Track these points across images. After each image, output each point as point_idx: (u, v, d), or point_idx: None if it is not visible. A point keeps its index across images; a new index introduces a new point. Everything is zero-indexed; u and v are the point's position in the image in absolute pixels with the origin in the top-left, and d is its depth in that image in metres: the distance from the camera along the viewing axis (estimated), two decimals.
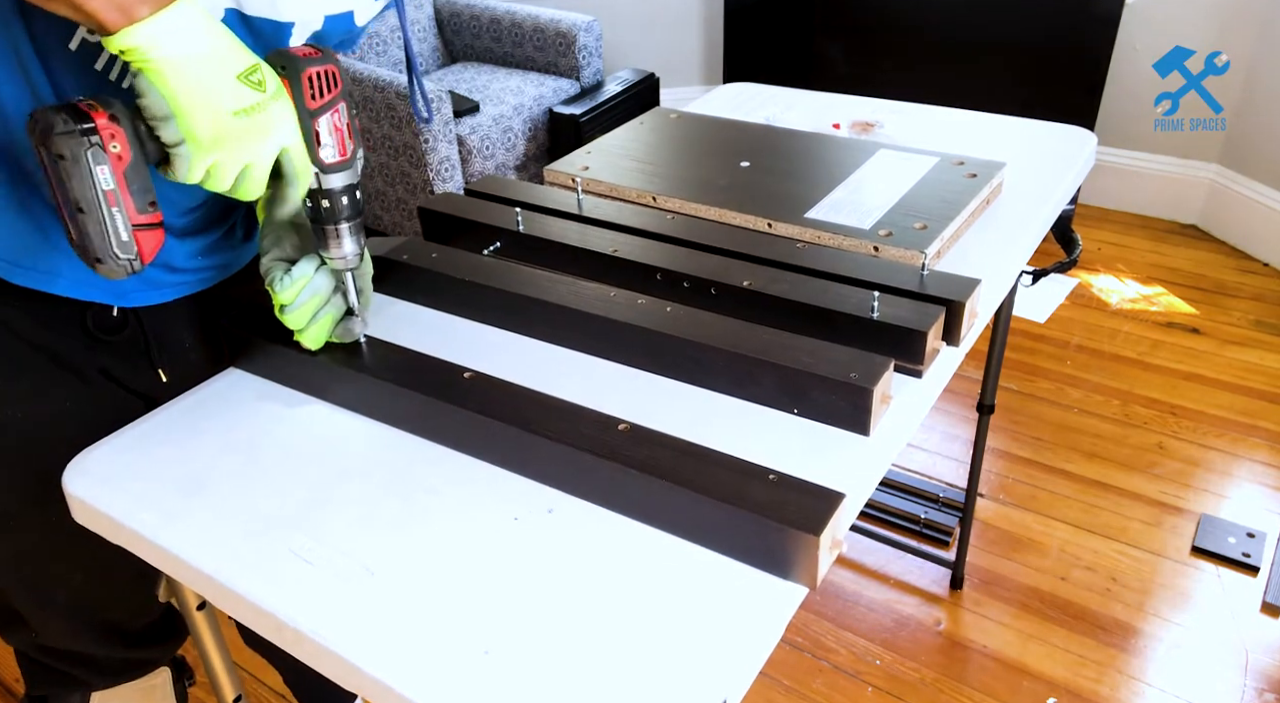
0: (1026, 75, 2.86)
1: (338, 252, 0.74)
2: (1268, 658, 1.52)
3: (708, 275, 0.86)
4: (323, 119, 0.68)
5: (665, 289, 0.89)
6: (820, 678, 1.54)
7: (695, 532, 0.64)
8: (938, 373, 0.81)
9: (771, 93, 1.46)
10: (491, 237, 0.98)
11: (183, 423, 0.80)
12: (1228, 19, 2.64)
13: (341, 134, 0.69)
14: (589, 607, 0.60)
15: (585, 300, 0.84)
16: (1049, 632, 1.59)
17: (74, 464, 0.75)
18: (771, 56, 3.31)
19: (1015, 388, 2.21)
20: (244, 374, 0.85)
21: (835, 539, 0.62)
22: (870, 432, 0.73)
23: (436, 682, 0.56)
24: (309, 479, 0.72)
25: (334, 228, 0.72)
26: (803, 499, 0.62)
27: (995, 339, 1.40)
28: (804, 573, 0.61)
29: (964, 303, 0.82)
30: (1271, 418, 2.08)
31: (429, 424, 0.75)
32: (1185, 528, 1.79)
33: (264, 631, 0.63)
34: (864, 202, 1.01)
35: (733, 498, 0.62)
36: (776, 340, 0.76)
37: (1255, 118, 2.68)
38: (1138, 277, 2.66)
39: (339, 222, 0.72)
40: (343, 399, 0.80)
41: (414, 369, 0.78)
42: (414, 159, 2.62)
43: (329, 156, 0.69)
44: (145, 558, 0.70)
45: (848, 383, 0.72)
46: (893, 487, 1.89)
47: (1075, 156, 1.20)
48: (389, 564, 0.64)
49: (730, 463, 0.66)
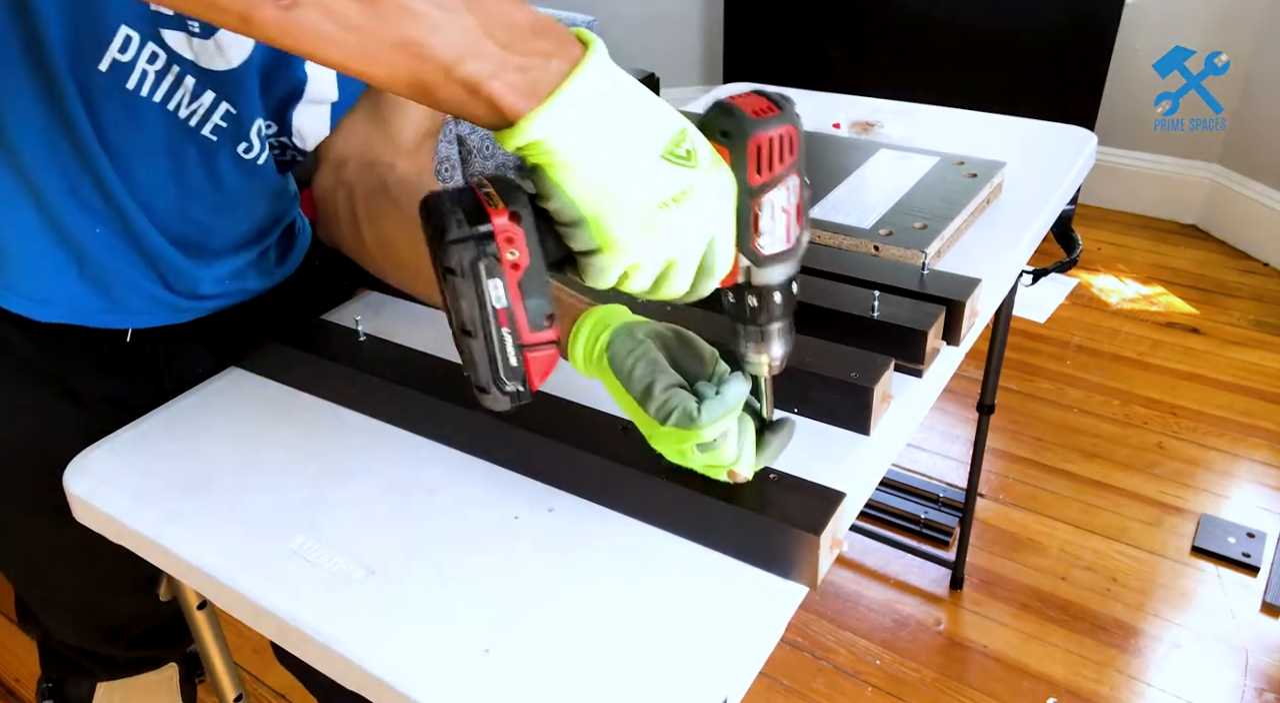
0: (1026, 75, 2.86)
1: (762, 356, 0.58)
2: (1268, 658, 1.52)
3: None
4: (767, 198, 0.51)
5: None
6: (820, 678, 1.54)
7: (695, 531, 0.64)
8: (938, 373, 0.81)
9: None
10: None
11: (183, 422, 0.80)
12: (1228, 19, 2.64)
13: (789, 217, 0.53)
14: (589, 606, 0.60)
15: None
16: (1049, 632, 1.59)
17: (75, 464, 0.75)
18: (771, 56, 3.31)
19: (1015, 388, 2.21)
20: (244, 373, 0.85)
21: (836, 538, 0.62)
22: (871, 431, 0.73)
23: (437, 681, 0.56)
24: (310, 478, 0.72)
25: (761, 329, 0.57)
26: (803, 498, 0.62)
27: (995, 339, 1.40)
28: (804, 573, 0.61)
29: (964, 303, 0.82)
30: (1271, 418, 2.08)
31: (428, 422, 0.75)
32: (1185, 528, 1.79)
33: (265, 630, 0.63)
34: (864, 201, 1.01)
35: (733, 497, 0.62)
36: None
37: (1255, 118, 2.68)
38: (1138, 277, 2.66)
39: (770, 322, 0.57)
40: (343, 398, 0.80)
41: (413, 366, 0.78)
42: None
43: (769, 247, 0.53)
44: (146, 557, 0.70)
45: (848, 382, 0.72)
46: (893, 487, 1.89)
47: (1075, 156, 1.20)
48: (389, 563, 0.64)
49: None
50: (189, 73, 0.71)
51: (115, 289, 0.78)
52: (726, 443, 0.59)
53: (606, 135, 0.46)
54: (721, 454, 0.59)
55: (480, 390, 0.52)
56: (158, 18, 0.68)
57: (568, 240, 0.50)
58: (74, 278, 0.76)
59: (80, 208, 0.73)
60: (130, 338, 0.83)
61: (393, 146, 0.81)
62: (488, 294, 0.49)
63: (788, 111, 0.51)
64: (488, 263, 0.48)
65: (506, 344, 0.50)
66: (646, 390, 0.59)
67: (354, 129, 0.82)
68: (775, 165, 0.51)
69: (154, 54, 0.69)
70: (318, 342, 0.82)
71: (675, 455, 0.61)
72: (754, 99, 0.51)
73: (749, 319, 0.57)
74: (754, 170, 0.50)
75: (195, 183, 0.76)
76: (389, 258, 0.77)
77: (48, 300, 0.76)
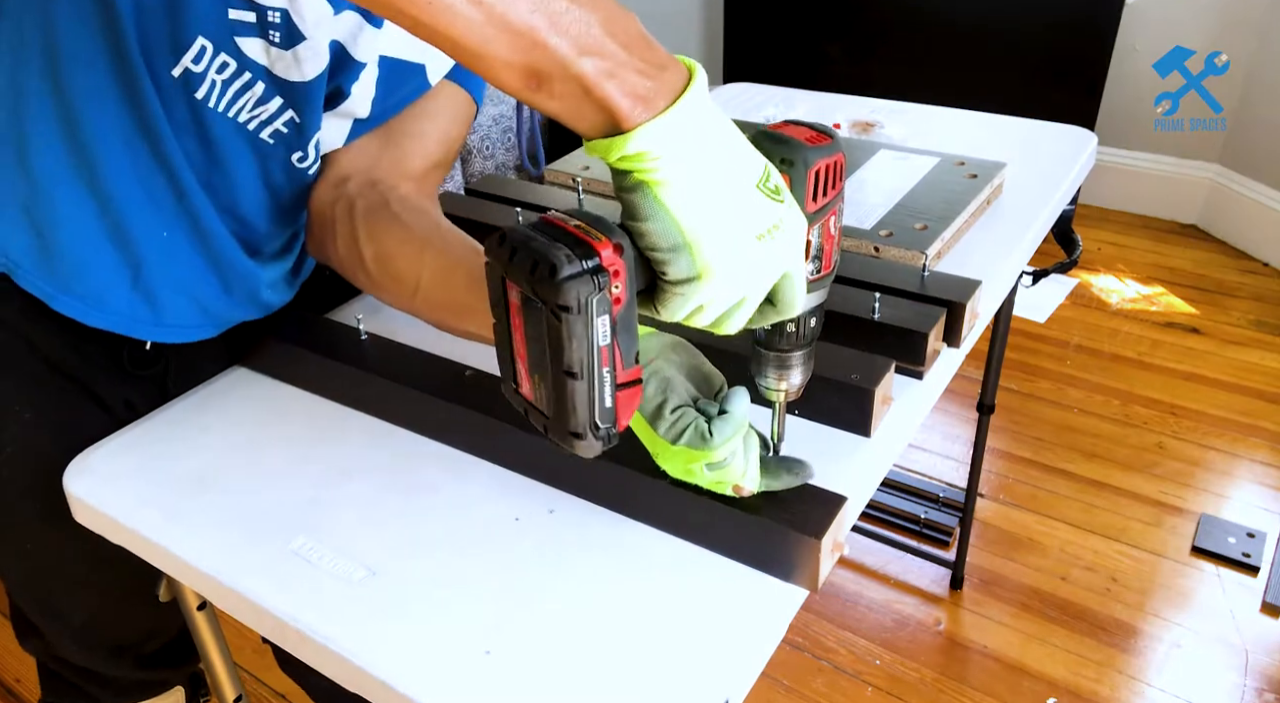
0: (1026, 75, 2.86)
1: (781, 384, 0.58)
2: (1268, 658, 1.52)
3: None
4: (817, 227, 0.52)
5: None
6: (820, 678, 1.54)
7: (696, 533, 0.64)
8: (938, 374, 0.81)
9: (771, 93, 1.46)
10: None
11: (184, 422, 0.80)
12: (1228, 19, 2.64)
13: (832, 244, 0.54)
14: (590, 607, 0.60)
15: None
16: (1049, 632, 1.59)
17: (75, 464, 0.75)
18: (771, 56, 3.31)
19: (1015, 388, 2.21)
20: (246, 372, 0.85)
21: (836, 542, 0.62)
22: (872, 433, 0.73)
23: (437, 682, 0.56)
24: (310, 478, 0.72)
25: (785, 356, 0.57)
26: (805, 503, 0.62)
27: (995, 339, 1.40)
28: (805, 576, 0.61)
29: (965, 304, 0.82)
30: (1271, 418, 2.08)
31: (429, 422, 0.75)
32: (1185, 528, 1.79)
33: (265, 630, 0.63)
34: (864, 201, 1.00)
35: (735, 501, 0.62)
36: None
37: (1255, 118, 2.68)
38: (1138, 277, 2.66)
39: (794, 349, 0.57)
40: (344, 397, 0.80)
41: (414, 366, 0.78)
42: None
43: (814, 272, 0.53)
44: (146, 558, 0.70)
45: (849, 384, 0.72)
46: (893, 487, 1.89)
47: (1075, 157, 1.20)
48: (390, 564, 0.64)
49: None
50: (260, 79, 0.72)
51: (164, 299, 0.78)
52: (735, 461, 0.59)
53: (714, 158, 0.45)
54: (730, 472, 0.59)
55: (574, 436, 0.48)
56: (235, 26, 0.69)
57: (662, 267, 0.47)
58: (126, 286, 0.76)
59: (153, 210, 0.73)
60: (150, 347, 0.84)
61: (399, 170, 0.82)
62: (595, 332, 0.45)
63: (837, 140, 0.51)
64: (601, 299, 0.44)
65: (605, 385, 0.47)
66: (658, 410, 0.59)
67: (365, 148, 0.82)
68: (829, 192, 0.51)
69: (224, 63, 0.70)
70: (319, 340, 0.82)
71: (682, 473, 0.61)
72: (799, 129, 0.51)
73: (774, 345, 0.57)
74: (810, 197, 0.50)
75: (249, 187, 0.77)
76: (386, 273, 0.76)
77: (100, 305, 0.76)
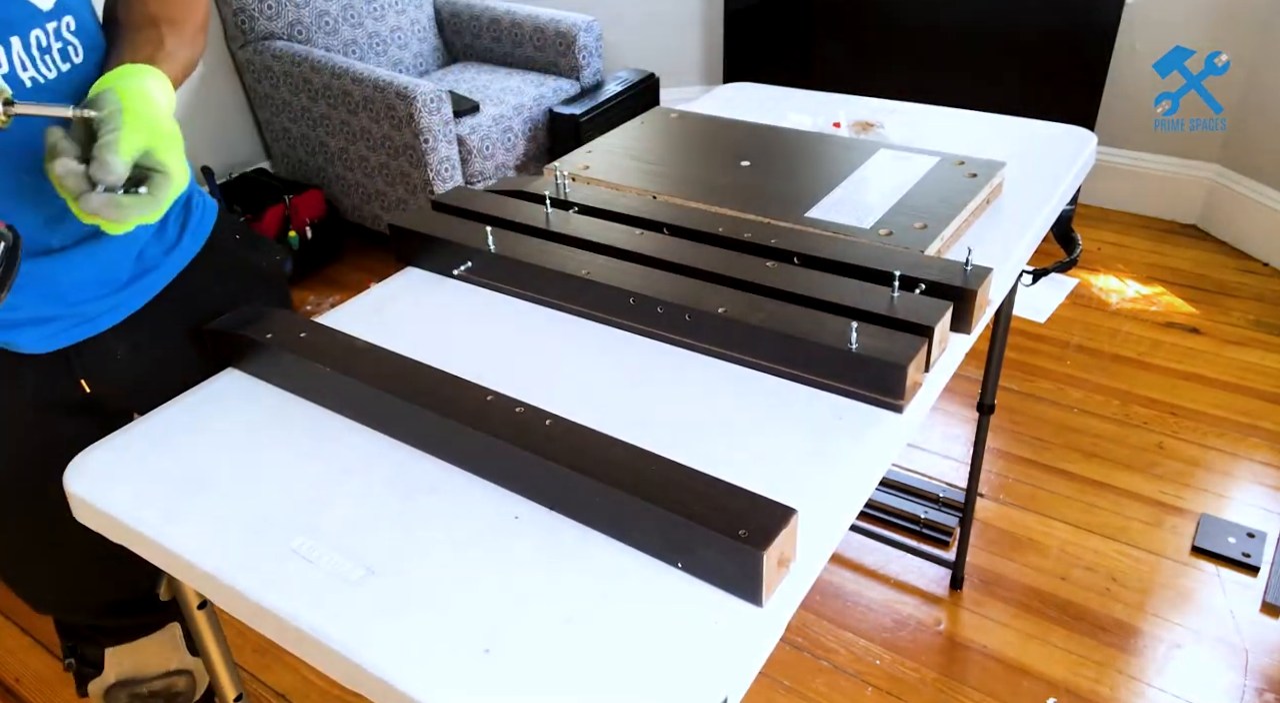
0: (1026, 75, 2.86)
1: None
2: (1268, 658, 1.52)
3: (681, 302, 0.83)
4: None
5: (638, 314, 0.86)
6: (820, 678, 1.54)
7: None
8: (940, 372, 0.81)
9: (771, 93, 1.46)
10: (462, 256, 0.96)
11: (183, 422, 0.80)
12: (1228, 19, 2.64)
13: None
14: (589, 605, 0.60)
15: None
16: (1049, 632, 1.59)
17: (75, 464, 0.75)
18: (771, 56, 3.31)
19: (1015, 388, 2.21)
20: (245, 373, 0.85)
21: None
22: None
23: (436, 680, 0.56)
24: (309, 478, 0.72)
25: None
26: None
27: (995, 339, 1.40)
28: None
29: (976, 291, 0.82)
30: (1271, 418, 2.08)
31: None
32: (1185, 528, 1.79)
33: (265, 629, 0.63)
34: (864, 201, 1.01)
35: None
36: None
37: (1255, 118, 2.68)
38: (1137, 277, 2.66)
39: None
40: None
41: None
42: (414, 159, 2.62)
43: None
44: (146, 557, 0.70)
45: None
46: (893, 487, 1.89)
47: (1075, 157, 1.20)
48: (389, 563, 0.64)
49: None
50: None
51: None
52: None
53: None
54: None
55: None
56: None
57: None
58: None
59: None
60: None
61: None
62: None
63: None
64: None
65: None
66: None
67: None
68: None
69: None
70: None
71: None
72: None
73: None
74: None
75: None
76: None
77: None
